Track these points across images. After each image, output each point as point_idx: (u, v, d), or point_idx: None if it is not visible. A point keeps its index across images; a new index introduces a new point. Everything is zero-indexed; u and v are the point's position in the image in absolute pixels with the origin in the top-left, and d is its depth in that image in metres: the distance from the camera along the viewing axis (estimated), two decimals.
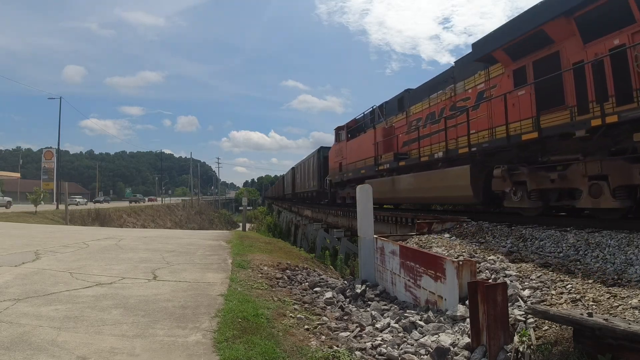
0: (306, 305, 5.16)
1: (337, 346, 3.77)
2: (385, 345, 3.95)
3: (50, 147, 47.40)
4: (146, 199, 71.66)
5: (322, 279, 7.32)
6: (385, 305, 5.67)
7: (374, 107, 14.48)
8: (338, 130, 18.81)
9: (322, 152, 23.20)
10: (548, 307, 3.45)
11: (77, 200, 50.17)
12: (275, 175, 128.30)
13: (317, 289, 6.42)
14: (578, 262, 4.75)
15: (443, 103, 10.30)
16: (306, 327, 4.21)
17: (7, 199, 33.55)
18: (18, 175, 58.01)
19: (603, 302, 3.46)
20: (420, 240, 7.28)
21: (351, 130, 17.33)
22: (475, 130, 8.54)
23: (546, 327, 3.30)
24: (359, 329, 4.47)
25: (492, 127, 8.15)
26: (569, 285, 3.99)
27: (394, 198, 12.48)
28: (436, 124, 10.27)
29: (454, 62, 10.33)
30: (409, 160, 11.45)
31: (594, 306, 3.42)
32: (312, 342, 3.77)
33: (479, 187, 8.35)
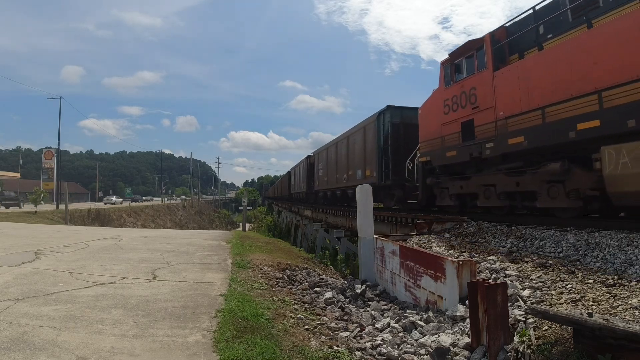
0: (306, 305, 5.15)
1: (337, 346, 3.76)
2: (385, 345, 3.94)
3: (50, 147, 47.52)
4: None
5: (322, 279, 7.32)
6: (385, 305, 5.67)
7: None
8: (458, 55, 8.62)
9: (390, 116, 12.66)
10: (548, 307, 3.45)
11: (113, 199, 52.75)
12: (275, 175, 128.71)
13: (317, 289, 6.41)
14: (578, 262, 4.75)
15: None
16: (306, 327, 4.21)
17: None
18: (18, 175, 58.00)
19: (603, 302, 3.46)
20: (420, 240, 7.28)
21: (499, 48, 7.61)
22: None
23: (546, 327, 3.29)
24: (359, 329, 4.47)
25: None
26: (569, 285, 3.99)
27: None
28: None
29: None
30: None
31: (594, 306, 3.42)
32: (312, 342, 3.77)
33: None
